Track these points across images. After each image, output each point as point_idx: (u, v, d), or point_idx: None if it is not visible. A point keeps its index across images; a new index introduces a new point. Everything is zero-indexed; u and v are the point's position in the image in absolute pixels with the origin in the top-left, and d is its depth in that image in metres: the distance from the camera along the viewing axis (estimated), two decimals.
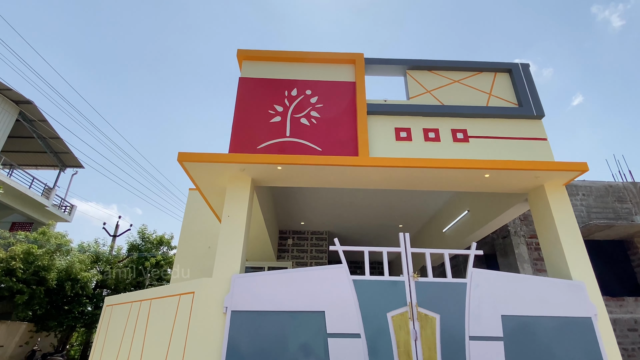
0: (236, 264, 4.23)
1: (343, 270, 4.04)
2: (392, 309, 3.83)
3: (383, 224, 9.07)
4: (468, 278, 4.01)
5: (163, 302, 4.63)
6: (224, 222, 4.52)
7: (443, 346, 3.67)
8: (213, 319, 3.90)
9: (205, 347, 3.78)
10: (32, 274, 14.90)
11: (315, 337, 3.71)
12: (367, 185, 5.13)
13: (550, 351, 3.73)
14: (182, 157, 4.39)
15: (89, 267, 17.73)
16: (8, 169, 19.28)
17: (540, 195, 4.88)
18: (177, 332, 4.14)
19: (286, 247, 9.86)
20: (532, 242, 7.01)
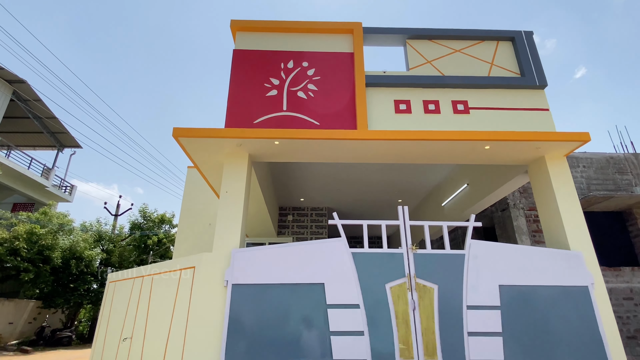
0: (236, 238, 4.25)
1: (342, 243, 4.06)
2: (390, 280, 3.87)
3: (382, 199, 9.08)
4: (466, 249, 4.03)
5: (165, 278, 4.69)
6: (222, 198, 4.50)
7: (441, 315, 3.73)
8: (214, 293, 3.95)
9: (207, 319, 3.84)
10: (37, 253, 15.09)
11: (315, 308, 3.77)
12: (366, 159, 5.08)
13: (547, 319, 3.79)
14: (178, 133, 4.32)
15: (93, 245, 17.95)
16: (5, 149, 19.17)
17: (541, 166, 4.84)
18: (179, 306, 4.21)
19: (286, 223, 9.92)
20: (530, 215, 7.03)
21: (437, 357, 3.57)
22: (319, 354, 3.58)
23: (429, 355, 3.57)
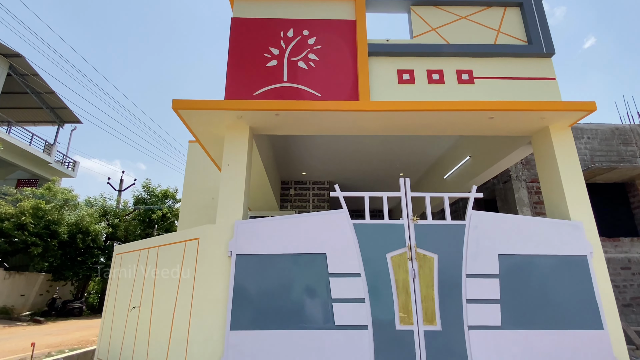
0: (238, 211, 4.29)
1: (344, 214, 4.09)
2: (391, 250, 3.93)
3: (384, 172, 9.08)
4: (467, 220, 4.07)
5: (170, 249, 4.77)
6: (224, 171, 4.50)
7: (440, 283, 3.81)
8: (219, 263, 4.03)
9: (213, 289, 3.94)
10: (44, 228, 15.34)
11: (318, 277, 3.85)
12: (368, 131, 5.03)
13: (545, 287, 3.87)
14: (177, 105, 4.27)
15: (98, 220, 18.21)
16: (6, 126, 19.08)
17: (545, 137, 4.78)
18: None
19: (288, 197, 9.98)
20: (532, 186, 7.03)
21: (436, 323, 3.68)
22: (321, 320, 3.70)
23: (428, 321, 3.68)
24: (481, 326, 3.70)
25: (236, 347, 3.64)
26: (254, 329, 3.69)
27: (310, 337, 3.63)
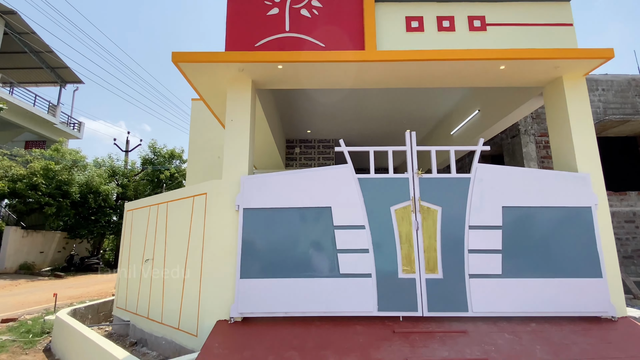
0: (244, 166, 4.31)
1: (348, 169, 4.09)
2: (395, 203, 3.97)
3: (390, 129, 8.95)
4: (472, 173, 4.05)
5: (179, 204, 4.88)
6: (227, 126, 4.47)
7: (443, 235, 3.88)
8: (226, 217, 4.12)
9: (222, 242, 4.07)
10: (55, 188, 15.68)
11: (323, 229, 3.94)
12: (374, 84, 4.89)
13: (547, 238, 3.93)
14: (177, 58, 4.15)
15: (108, 181, 18.51)
16: (8, 87, 18.89)
17: (557, 88, 4.62)
18: (194, 230, 4.44)
19: (294, 155, 9.98)
20: (541, 141, 6.91)
21: (438, 271, 3.80)
22: (327, 269, 3.84)
23: (429, 270, 3.80)
24: (482, 275, 3.81)
25: (246, 293, 3.82)
26: (262, 277, 3.85)
27: (316, 285, 3.79)
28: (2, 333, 5.80)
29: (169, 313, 4.62)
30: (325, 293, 3.77)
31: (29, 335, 5.66)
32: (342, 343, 3.33)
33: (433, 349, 3.25)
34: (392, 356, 3.13)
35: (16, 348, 5.10)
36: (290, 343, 3.35)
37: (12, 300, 8.93)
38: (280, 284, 3.81)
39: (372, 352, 3.19)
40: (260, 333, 3.57)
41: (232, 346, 3.35)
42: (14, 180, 14.65)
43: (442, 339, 3.40)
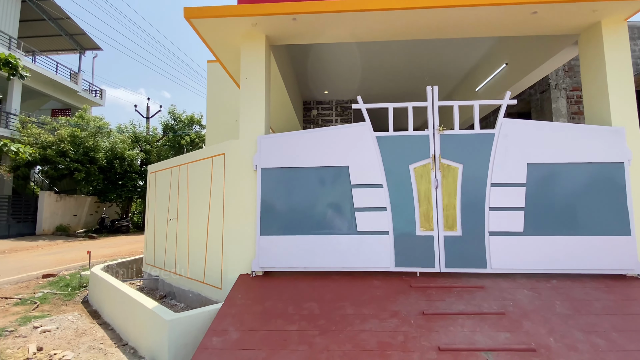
0: (260, 125, 4.28)
1: (366, 127, 4.00)
2: (414, 161, 3.89)
3: (410, 87, 8.61)
4: (497, 128, 3.88)
5: (199, 165, 4.95)
6: (242, 85, 4.40)
7: (463, 192, 3.80)
8: (245, 176, 4.16)
9: (242, 200, 4.14)
10: (83, 154, 16.23)
11: (340, 188, 3.93)
12: (393, 35, 4.63)
13: (574, 195, 3.78)
14: (189, 13, 4.04)
15: (131, 146, 18.98)
16: (30, 55, 19.16)
17: (595, 34, 4.24)
18: (215, 190, 4.53)
19: (311, 117, 9.84)
20: (572, 95, 6.50)
21: (457, 229, 3.76)
22: (344, 227, 3.87)
23: (448, 228, 3.77)
24: (502, 232, 3.76)
25: (266, 249, 3.93)
26: (281, 234, 3.94)
27: (334, 241, 3.84)
28: (43, 287, 6.28)
29: (194, 268, 4.84)
30: (343, 249, 3.83)
31: (68, 288, 6.11)
32: (359, 296, 3.42)
33: (450, 303, 3.29)
34: (409, 308, 3.19)
35: (57, 300, 5.53)
36: (309, 295, 3.47)
37: (51, 259, 9.59)
38: (299, 241, 3.89)
39: (388, 304, 3.27)
40: (281, 286, 3.70)
41: (253, 297, 3.50)
42: (44, 147, 15.23)
43: (459, 294, 3.44)
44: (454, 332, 2.91)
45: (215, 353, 2.70)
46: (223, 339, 2.87)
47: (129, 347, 3.73)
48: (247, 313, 3.21)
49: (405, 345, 2.75)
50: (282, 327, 2.98)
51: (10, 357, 3.42)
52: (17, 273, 7.41)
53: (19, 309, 5.04)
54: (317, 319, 3.08)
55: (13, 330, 4.12)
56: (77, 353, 3.55)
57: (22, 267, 8.18)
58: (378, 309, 3.20)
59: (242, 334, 2.93)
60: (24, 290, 6.07)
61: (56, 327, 4.24)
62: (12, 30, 17.25)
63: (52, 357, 3.45)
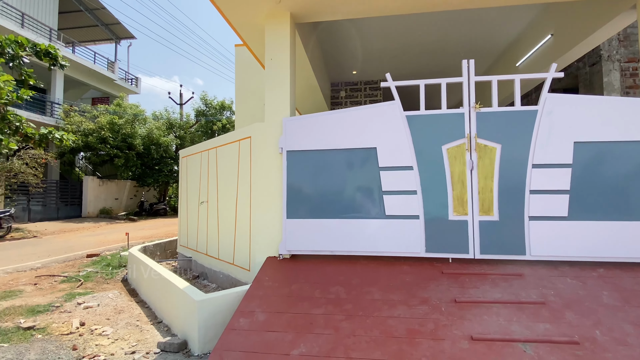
0: (285, 107, 4.19)
1: (395, 106, 3.80)
2: (447, 142, 3.67)
3: (443, 67, 8.16)
4: (540, 104, 3.56)
5: (226, 149, 4.97)
6: (267, 66, 4.31)
7: (501, 175, 3.56)
8: (271, 159, 4.12)
9: (268, 183, 4.12)
10: (121, 141, 16.95)
11: (368, 171, 3.80)
12: (426, 6, 4.34)
13: (627, 177, 3.43)
14: None
15: (166, 133, 19.61)
16: (70, 46, 20.03)
17: None
18: (242, 173, 4.54)
19: (339, 99, 9.63)
20: (627, 67, 5.87)
21: (493, 213, 3.54)
22: (372, 211, 3.75)
23: (484, 212, 3.55)
24: (544, 217, 3.50)
25: (292, 232, 3.91)
26: (308, 217, 3.88)
27: (362, 225, 3.74)
28: (87, 266, 6.68)
29: (224, 250, 4.93)
30: (371, 234, 3.72)
31: (109, 268, 6.45)
32: (387, 281, 3.33)
33: (484, 290, 3.12)
34: (440, 295, 3.06)
35: (99, 278, 5.85)
36: (335, 279, 3.42)
37: (94, 239, 10.20)
38: (326, 224, 3.83)
39: (418, 291, 3.15)
40: (307, 269, 3.67)
41: (280, 280, 3.50)
42: (86, 135, 16.04)
43: (494, 281, 3.26)
44: (488, 321, 2.76)
45: (242, 334, 2.72)
46: (250, 320, 2.89)
47: (163, 324, 3.88)
48: (273, 295, 3.22)
49: (436, 333, 2.64)
50: (309, 310, 2.96)
51: (56, 331, 3.65)
52: (64, 252, 7.94)
53: (65, 286, 5.38)
54: (344, 303, 3.03)
55: (59, 306, 4.40)
56: (116, 329, 3.74)
57: (68, 247, 8.75)
58: (407, 295, 3.10)
59: (269, 315, 2.93)
60: (69, 269, 6.48)
61: (97, 304, 4.48)
62: (52, 22, 18.06)
63: (93, 332, 3.65)
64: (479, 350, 2.48)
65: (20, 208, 13.92)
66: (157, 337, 3.53)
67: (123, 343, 3.40)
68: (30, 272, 6.22)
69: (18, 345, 3.27)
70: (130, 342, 3.43)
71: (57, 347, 3.27)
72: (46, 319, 3.97)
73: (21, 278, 5.79)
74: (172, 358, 3.04)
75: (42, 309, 4.27)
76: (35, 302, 4.57)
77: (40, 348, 3.24)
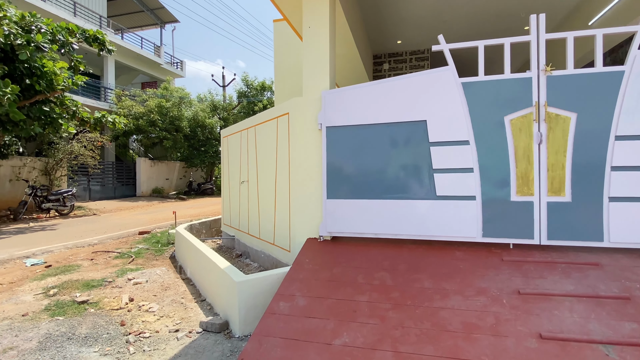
0: (324, 80, 3.90)
1: (449, 72, 3.37)
2: (511, 111, 3.20)
3: (500, 30, 7.31)
4: (628, 64, 2.97)
5: (265, 127, 4.82)
6: (305, 35, 4.01)
7: (576, 149, 3.05)
8: (309, 136, 3.89)
9: (307, 161, 3.91)
10: (169, 123, 17.61)
11: (416, 147, 3.44)
12: None
13: None
14: None
15: (210, 115, 20.10)
16: (119, 33, 20.89)
17: None
18: (280, 152, 4.36)
19: (382, 73, 9.10)
20: None
21: (565, 193, 3.07)
22: (420, 191, 3.42)
23: (553, 192, 3.09)
24: (627, 197, 2.97)
25: (333, 213, 3.70)
26: (350, 198, 3.64)
27: (409, 207, 3.43)
28: (138, 243, 7.00)
29: (264, 230, 4.86)
30: (419, 216, 3.41)
31: (158, 245, 6.71)
32: (438, 268, 3.03)
33: (553, 281, 2.72)
34: (500, 285, 2.72)
35: (149, 255, 6.09)
36: (380, 264, 3.18)
37: (146, 217, 10.76)
38: (369, 205, 3.57)
39: (475, 280, 2.83)
40: (349, 252, 3.46)
41: (321, 263, 3.33)
42: (137, 118, 16.83)
43: (565, 271, 2.84)
44: (560, 318, 2.39)
45: (282, 319, 2.59)
46: (290, 304, 2.75)
47: (207, 303, 3.90)
48: (314, 279, 3.05)
49: (497, 328, 2.33)
50: (351, 297, 2.76)
51: (107, 306, 3.79)
52: (119, 230, 8.42)
53: (118, 261, 5.65)
54: (390, 290, 2.79)
55: (111, 281, 4.60)
56: (162, 305, 3.81)
57: (123, 225, 9.29)
58: (462, 285, 2.79)
59: (310, 300, 2.78)
60: (122, 245, 6.83)
61: (146, 280, 4.63)
62: (102, 9, 18.85)
63: (140, 308, 3.75)
64: (550, 351, 2.14)
65: (81, 188, 15.05)
66: (200, 316, 3.54)
67: (167, 320, 3.44)
68: (87, 247, 6.64)
69: (72, 319, 3.43)
70: (174, 319, 3.47)
71: (106, 322, 3.38)
72: (99, 294, 4.15)
73: (79, 253, 6.19)
74: (213, 339, 3.01)
75: (96, 284, 4.48)
76: (91, 276, 4.82)
77: (91, 322, 3.36)
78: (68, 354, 2.76)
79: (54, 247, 6.51)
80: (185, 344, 2.94)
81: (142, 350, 2.85)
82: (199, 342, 2.95)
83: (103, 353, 2.79)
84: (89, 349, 2.85)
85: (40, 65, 9.68)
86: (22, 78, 9.42)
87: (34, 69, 9.59)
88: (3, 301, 4.02)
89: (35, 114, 10.07)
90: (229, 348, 2.84)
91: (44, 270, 5.15)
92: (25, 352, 2.81)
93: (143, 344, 2.95)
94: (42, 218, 10.69)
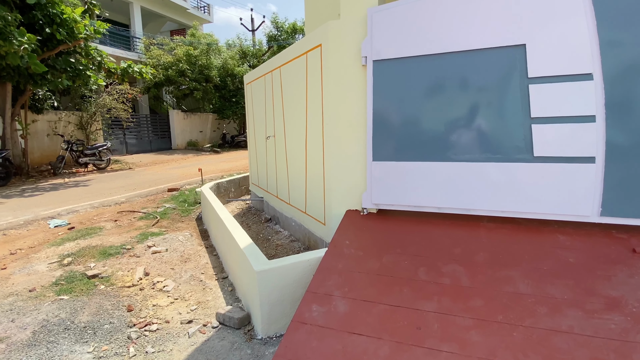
0: None
1: None
2: None
3: None
4: None
5: (291, 66, 3.87)
6: None
7: None
8: (349, 74, 2.92)
9: (346, 110, 2.98)
10: (199, 73, 16.85)
11: (506, 85, 2.39)
12: None
13: None
14: None
15: (240, 62, 19.03)
16: None
17: None
18: (311, 98, 3.44)
19: None
20: None
21: None
22: (509, 150, 2.42)
23: None
24: None
25: (381, 180, 2.81)
26: (403, 160, 2.72)
27: (491, 172, 2.46)
28: (166, 201, 6.60)
29: (295, 195, 4.11)
30: (506, 184, 2.44)
31: (185, 204, 6.25)
32: (536, 262, 2.12)
33: None
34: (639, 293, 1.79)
35: (175, 215, 5.64)
36: (449, 252, 2.33)
37: (179, 172, 10.45)
38: (431, 169, 2.63)
39: (595, 282, 1.91)
40: (403, 232, 2.63)
41: (366, 246, 2.54)
42: (166, 68, 16.18)
43: None
44: None
45: (314, 333, 1.87)
46: (326, 309, 2.02)
47: (228, 281, 3.33)
48: (358, 271, 2.28)
49: None
50: (412, 303, 1.97)
51: (118, 282, 3.33)
52: (149, 186, 8.10)
53: (142, 223, 5.24)
54: (468, 296, 1.96)
55: (130, 249, 4.16)
56: (178, 283, 3.29)
57: (154, 180, 9.00)
58: (578, 291, 1.89)
59: (353, 305, 2.02)
60: (150, 204, 6.46)
61: (166, 249, 4.14)
62: None
63: (154, 286, 3.25)
64: None
65: (118, 141, 15.07)
66: (218, 300, 2.97)
67: (181, 305, 2.90)
68: (114, 207, 6.33)
69: (76, 300, 2.98)
70: (189, 303, 2.93)
71: (113, 305, 2.89)
72: (114, 265, 3.71)
73: (105, 213, 5.86)
74: (230, 339, 2.41)
75: (113, 252, 4.06)
76: (110, 242, 4.42)
77: (96, 305, 2.89)
78: (57, 356, 2.27)
79: (80, 206, 6.25)
80: (196, 345, 2.37)
81: (145, 352, 2.30)
82: (212, 345, 2.36)
83: (98, 356, 2.27)
84: (82, 347, 2.35)
85: (59, 12, 9.05)
86: (42, 27, 8.88)
87: (53, 16, 8.98)
88: (16, 271, 3.69)
89: (61, 65, 9.64)
90: (248, 357, 2.21)
91: (66, 234, 4.84)
92: (13, 346, 2.37)
93: (147, 341, 2.41)
94: (80, 172, 10.73)
